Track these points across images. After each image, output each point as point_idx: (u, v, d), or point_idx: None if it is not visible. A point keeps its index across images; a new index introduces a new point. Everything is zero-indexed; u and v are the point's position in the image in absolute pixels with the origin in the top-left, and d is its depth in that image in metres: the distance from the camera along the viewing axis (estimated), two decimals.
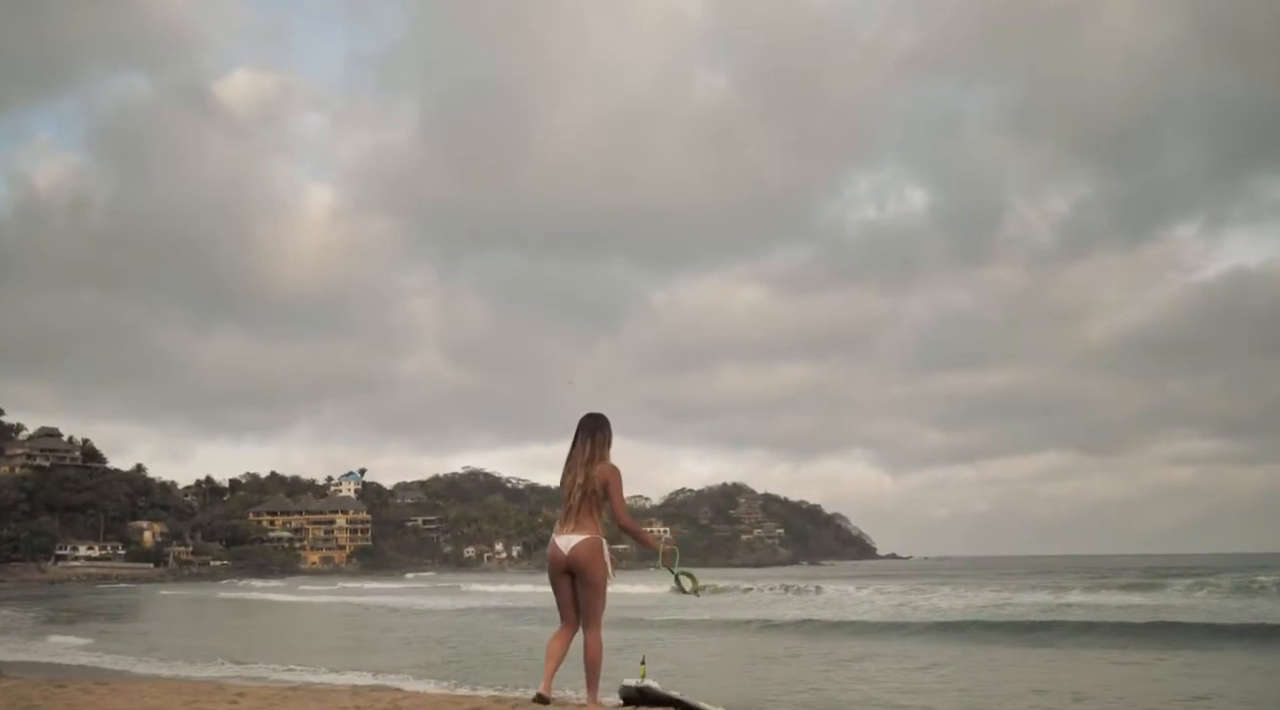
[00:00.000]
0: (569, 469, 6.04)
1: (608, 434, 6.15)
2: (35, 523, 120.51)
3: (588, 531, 5.83)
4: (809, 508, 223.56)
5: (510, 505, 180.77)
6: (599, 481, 5.89)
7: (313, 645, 22.14)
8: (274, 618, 34.78)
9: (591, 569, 5.80)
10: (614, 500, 5.88)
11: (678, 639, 20.76)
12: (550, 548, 6.04)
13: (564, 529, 5.89)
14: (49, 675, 12.64)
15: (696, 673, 14.75)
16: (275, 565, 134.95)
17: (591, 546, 5.81)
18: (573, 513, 5.87)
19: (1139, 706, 11.07)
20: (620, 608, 32.51)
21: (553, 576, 6.00)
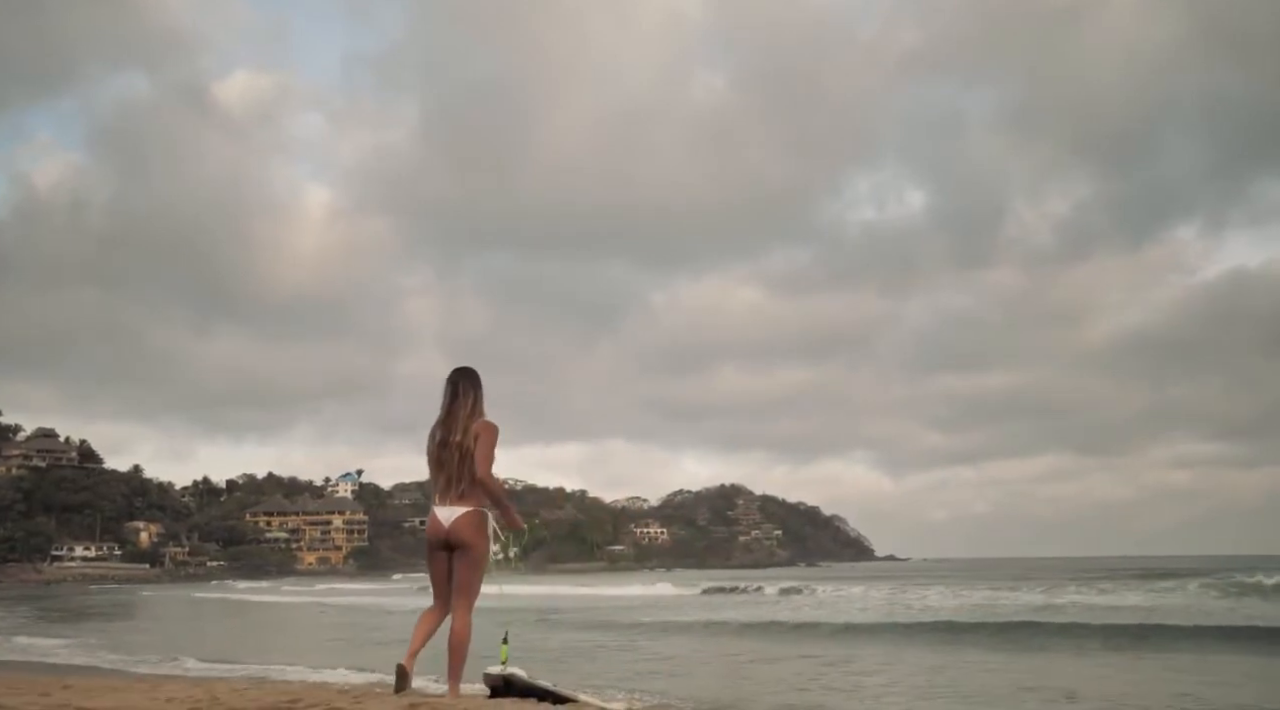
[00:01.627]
0: (446, 427, 5.43)
1: (478, 394, 5.58)
2: (31, 523, 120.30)
3: (471, 502, 5.34)
4: (807, 509, 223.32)
5: None
6: (473, 438, 5.34)
7: (257, 643, 22.12)
8: (240, 617, 34.65)
9: (473, 544, 5.33)
10: (479, 454, 5.29)
11: (664, 640, 20.49)
12: (429, 520, 5.44)
13: (445, 499, 5.35)
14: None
15: (677, 672, 14.58)
16: (272, 566, 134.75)
17: (475, 519, 5.34)
18: (454, 481, 5.33)
19: (1129, 705, 10.93)
20: (606, 609, 32.40)
21: (430, 551, 5.46)
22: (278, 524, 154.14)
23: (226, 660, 15.96)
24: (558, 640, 20.42)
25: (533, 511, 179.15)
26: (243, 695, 3.93)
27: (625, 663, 15.93)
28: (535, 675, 5.65)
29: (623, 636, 21.30)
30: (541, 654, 17.29)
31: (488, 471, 5.32)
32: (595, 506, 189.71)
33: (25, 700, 3.96)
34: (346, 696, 4.23)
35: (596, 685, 12.66)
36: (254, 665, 14.79)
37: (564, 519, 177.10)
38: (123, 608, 44.14)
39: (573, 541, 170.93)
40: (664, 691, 12.16)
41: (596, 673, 14.40)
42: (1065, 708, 11.02)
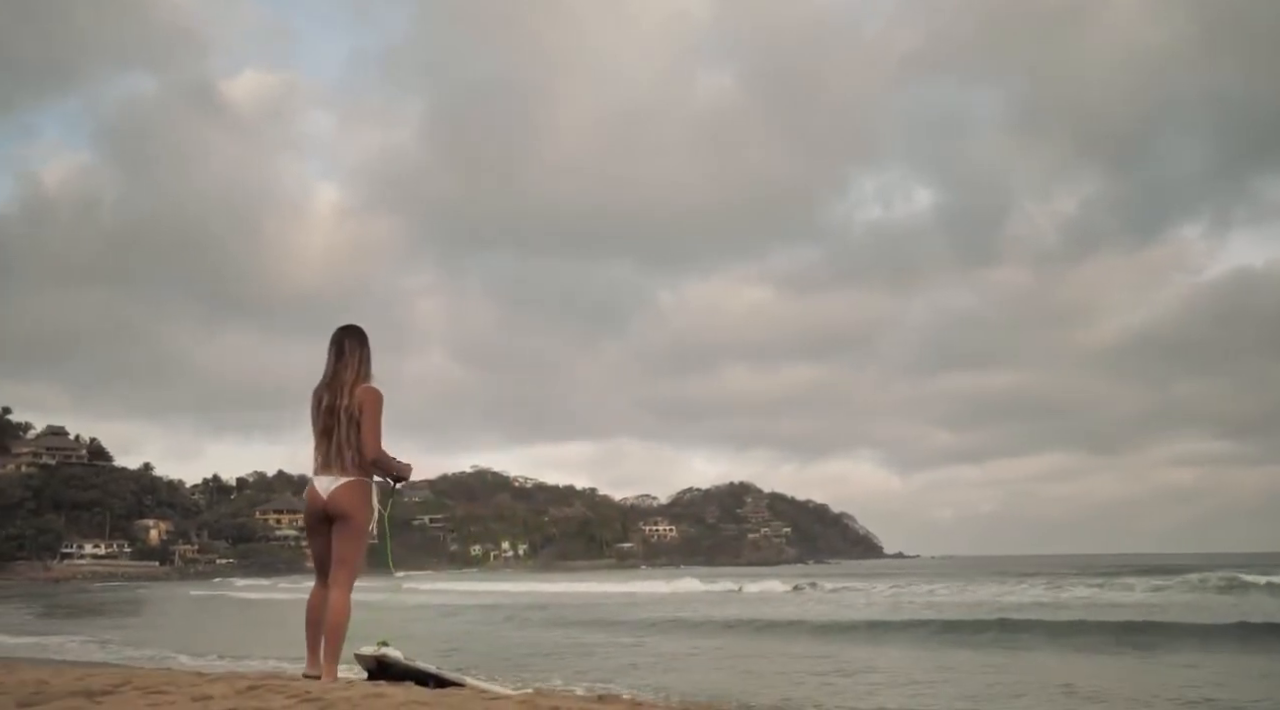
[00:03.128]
0: (329, 390, 5.01)
1: (370, 351, 5.19)
2: (41, 521, 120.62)
3: (354, 471, 4.90)
4: (816, 507, 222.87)
5: (517, 504, 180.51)
6: (356, 406, 4.91)
7: (233, 637, 21.95)
8: (224, 615, 34.61)
9: (353, 515, 4.87)
10: (366, 429, 4.88)
11: (667, 636, 20.16)
12: (308, 491, 5.04)
13: (327, 468, 4.92)
14: None
15: (676, 667, 14.28)
16: (281, 563, 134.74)
17: (357, 489, 4.89)
18: (335, 448, 4.90)
19: (1129, 701, 10.62)
20: (611, 606, 32.13)
21: (309, 525, 5.06)
22: (287, 522, 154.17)
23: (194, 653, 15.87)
24: (561, 636, 20.15)
25: (542, 509, 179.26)
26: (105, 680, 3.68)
27: (624, 658, 15.64)
28: (412, 657, 5.22)
29: (626, 633, 21.00)
30: (539, 650, 17.06)
31: (378, 449, 4.94)
32: (604, 504, 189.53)
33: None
34: (237, 682, 3.93)
35: (590, 680, 12.44)
36: (210, 659, 14.78)
37: (573, 517, 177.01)
38: (119, 605, 44.13)
39: (582, 539, 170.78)
40: (661, 686, 11.96)
41: (591, 668, 14.16)
42: (1064, 703, 10.75)
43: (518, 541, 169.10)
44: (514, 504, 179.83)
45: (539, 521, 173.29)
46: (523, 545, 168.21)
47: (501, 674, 13.09)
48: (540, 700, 3.65)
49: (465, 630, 22.90)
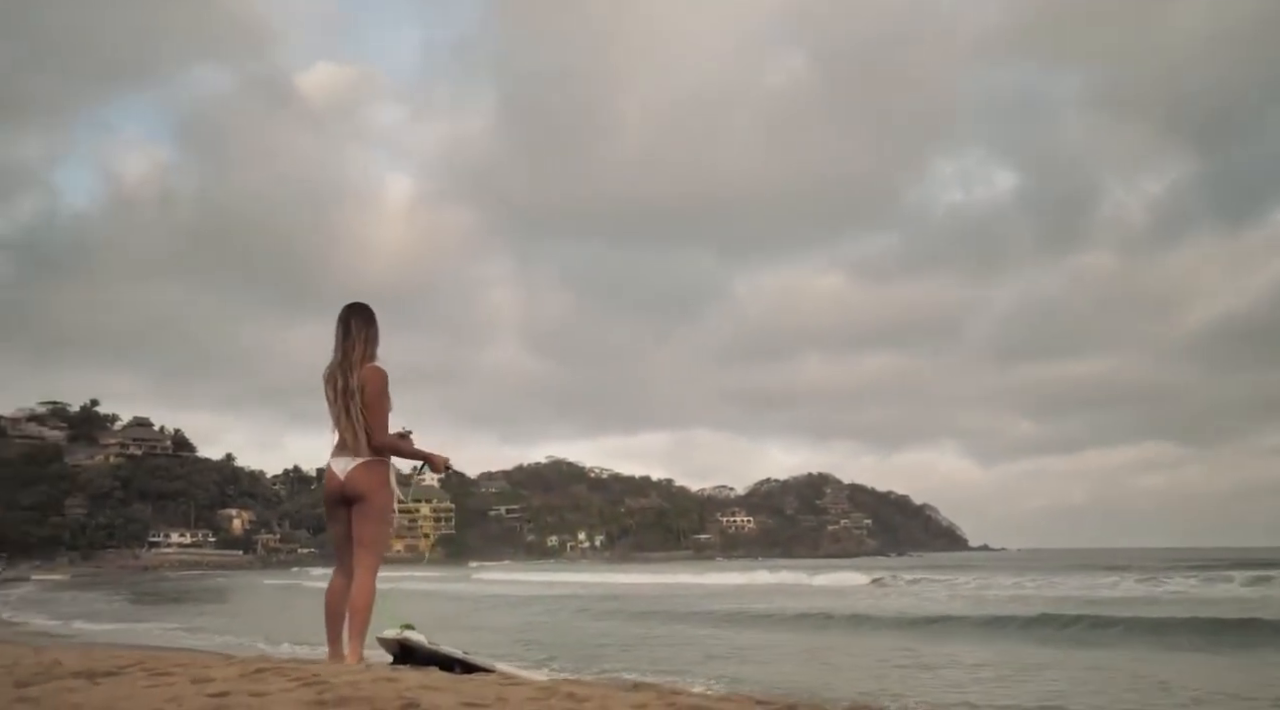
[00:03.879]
0: (340, 371, 4.85)
1: (377, 329, 4.98)
2: (129, 510, 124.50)
3: (368, 452, 4.73)
4: (897, 498, 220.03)
5: (593, 495, 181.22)
6: (360, 386, 4.76)
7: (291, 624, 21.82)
8: (291, 602, 34.95)
9: (372, 496, 4.70)
10: (372, 414, 4.73)
11: (744, 630, 19.60)
12: (326, 474, 4.87)
13: (342, 449, 4.77)
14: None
15: (752, 660, 13.74)
16: None
17: (372, 470, 4.72)
18: (350, 429, 4.75)
19: (1228, 701, 9.85)
20: (687, 598, 31.67)
21: (329, 508, 4.89)
22: None
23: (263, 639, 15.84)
24: (636, 628, 19.76)
25: (618, 500, 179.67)
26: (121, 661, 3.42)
27: (699, 650, 15.15)
28: (436, 642, 4.86)
29: (702, 625, 20.52)
30: (613, 641, 16.68)
31: (383, 434, 4.76)
32: (681, 495, 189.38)
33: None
34: (247, 665, 3.58)
35: (662, 671, 12.00)
36: (283, 645, 14.60)
37: (649, 508, 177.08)
38: (203, 593, 45.10)
39: (658, 530, 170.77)
40: (736, 677, 11.53)
41: (665, 659, 13.72)
42: (1160, 702, 10.02)
43: (594, 532, 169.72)
44: (590, 495, 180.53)
45: (615, 512, 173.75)
46: (599, 536, 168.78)
47: (574, 665, 12.75)
48: (562, 686, 3.23)
49: (538, 621, 22.63)
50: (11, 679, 3.25)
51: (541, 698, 2.98)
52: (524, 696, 2.99)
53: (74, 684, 3.16)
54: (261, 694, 2.88)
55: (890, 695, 10.30)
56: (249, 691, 2.92)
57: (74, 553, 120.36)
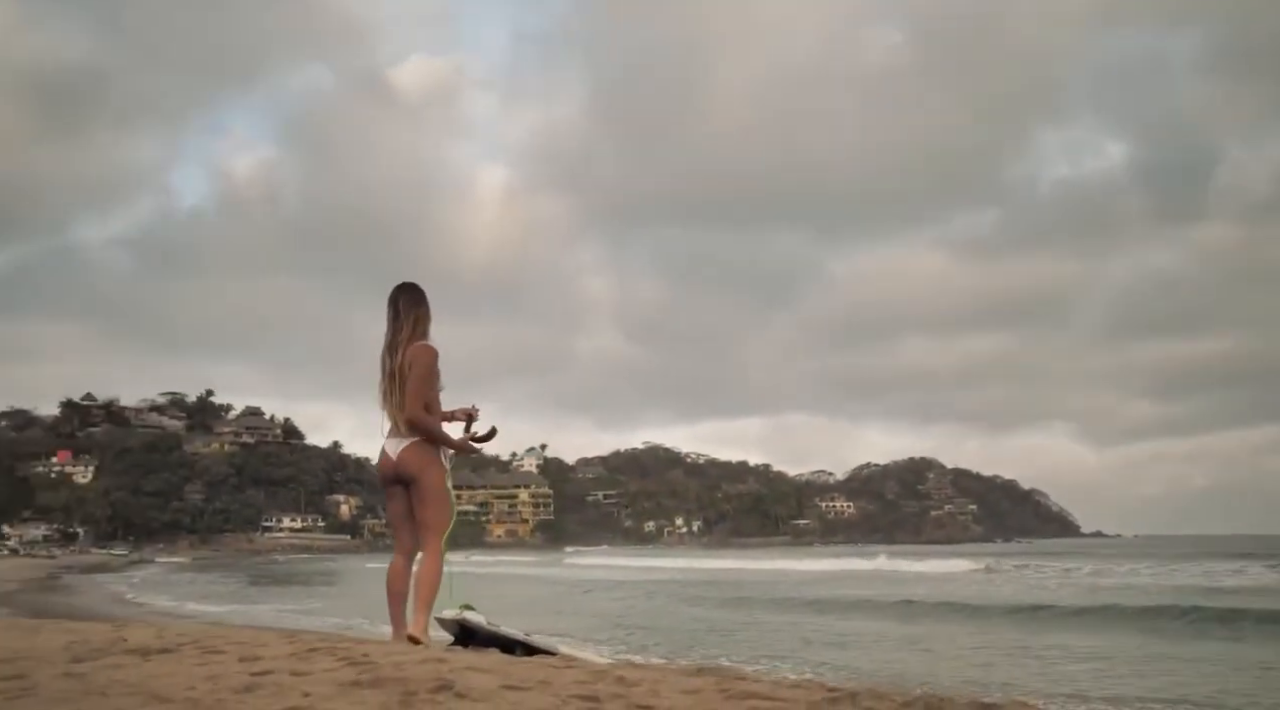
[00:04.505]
0: (389, 352, 4.83)
1: (428, 309, 4.93)
2: (243, 496, 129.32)
3: (410, 433, 4.72)
4: (1004, 483, 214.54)
5: (690, 480, 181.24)
6: (407, 365, 4.72)
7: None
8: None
9: (424, 476, 4.69)
10: (410, 388, 4.68)
11: (844, 616, 19.17)
12: (379, 455, 4.86)
13: (394, 431, 4.76)
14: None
15: (853, 647, 13.41)
16: (463, 538, 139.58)
17: (421, 449, 4.71)
18: (397, 410, 4.73)
19: None
20: (785, 584, 31.28)
21: (384, 488, 4.91)
22: (467, 498, 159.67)
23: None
24: (733, 614, 19.55)
25: (715, 485, 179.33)
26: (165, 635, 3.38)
27: (797, 636, 14.85)
28: (496, 623, 4.73)
29: (801, 611, 20.18)
30: (709, 627, 16.51)
31: (417, 410, 4.70)
32: (779, 480, 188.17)
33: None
34: (299, 644, 3.49)
35: (757, 656, 11.78)
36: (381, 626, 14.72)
37: (747, 493, 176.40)
38: (314, 575, 46.39)
39: (756, 515, 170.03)
40: (836, 664, 11.34)
41: (762, 645, 13.51)
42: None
43: (691, 518, 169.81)
44: (687, 480, 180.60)
45: (712, 498, 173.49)
46: (696, 522, 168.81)
47: (668, 651, 12.62)
48: (615, 670, 3.03)
49: (635, 606, 22.55)
50: (70, 655, 3.23)
51: (590, 680, 2.80)
52: (571, 679, 2.81)
53: (125, 660, 3.10)
54: (303, 673, 2.76)
55: (997, 685, 9.89)
56: (291, 670, 2.81)
57: (193, 536, 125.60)
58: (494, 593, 29.90)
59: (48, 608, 23.21)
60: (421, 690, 2.42)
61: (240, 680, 2.62)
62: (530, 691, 2.51)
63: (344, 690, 2.42)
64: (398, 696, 2.33)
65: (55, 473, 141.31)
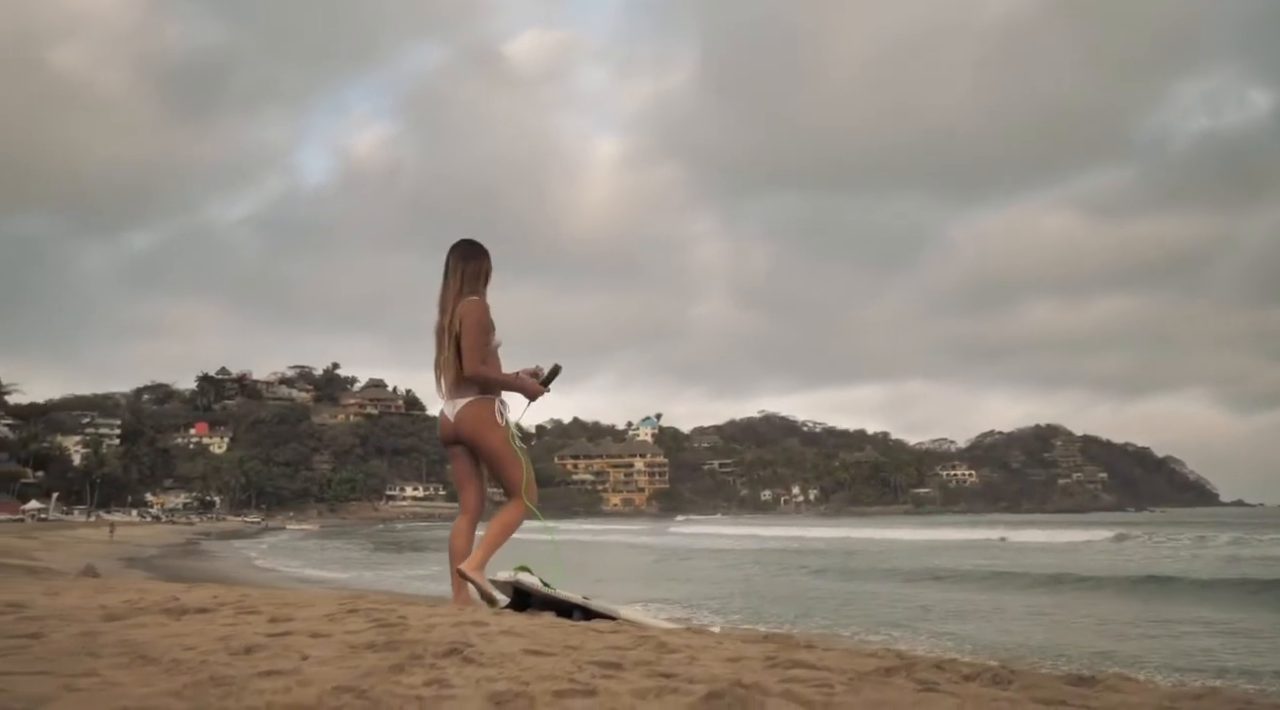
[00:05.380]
0: (440, 311, 4.64)
1: (483, 265, 4.71)
2: (369, 465, 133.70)
3: (473, 390, 4.50)
4: (1136, 451, 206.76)
5: (807, 449, 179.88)
6: (458, 321, 4.50)
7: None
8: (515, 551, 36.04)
9: (485, 437, 4.47)
10: (465, 344, 4.45)
11: (965, 587, 18.52)
12: (440, 419, 4.66)
13: (448, 393, 4.56)
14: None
15: (974, 618, 12.92)
16: (579, 507, 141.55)
17: (478, 408, 4.49)
18: (449, 371, 4.53)
19: None
20: (903, 553, 30.61)
21: (447, 449, 4.69)
22: (583, 467, 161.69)
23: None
24: (848, 583, 19.13)
25: (832, 453, 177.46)
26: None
27: (914, 606, 14.40)
28: (552, 585, 4.50)
29: (919, 581, 19.57)
30: (821, 596, 16.16)
31: (475, 364, 4.46)
32: (898, 449, 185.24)
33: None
34: (336, 605, 3.35)
35: (872, 626, 11.43)
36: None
37: (864, 461, 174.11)
38: (437, 543, 47.41)
39: (874, 484, 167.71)
40: (958, 635, 10.98)
41: (879, 615, 13.10)
42: None
43: (808, 486, 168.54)
44: (803, 449, 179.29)
45: (829, 466, 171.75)
46: (813, 490, 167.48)
47: (779, 620, 12.36)
48: (666, 636, 2.79)
49: (733, 574, 22.32)
50: (105, 614, 3.15)
51: (627, 646, 2.55)
52: (607, 644, 2.56)
53: (153, 620, 2.99)
54: (323, 635, 2.59)
55: (1129, 657, 9.33)
56: (312, 632, 2.64)
57: (322, 504, 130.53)
58: (594, 560, 30.07)
59: (183, 572, 24.26)
60: (429, 654, 2.21)
61: (250, 641, 2.46)
62: (552, 657, 2.28)
63: (349, 653, 2.23)
64: (399, 660, 2.12)
65: (193, 444, 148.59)
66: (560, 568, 4.54)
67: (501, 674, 1.99)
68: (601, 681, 1.95)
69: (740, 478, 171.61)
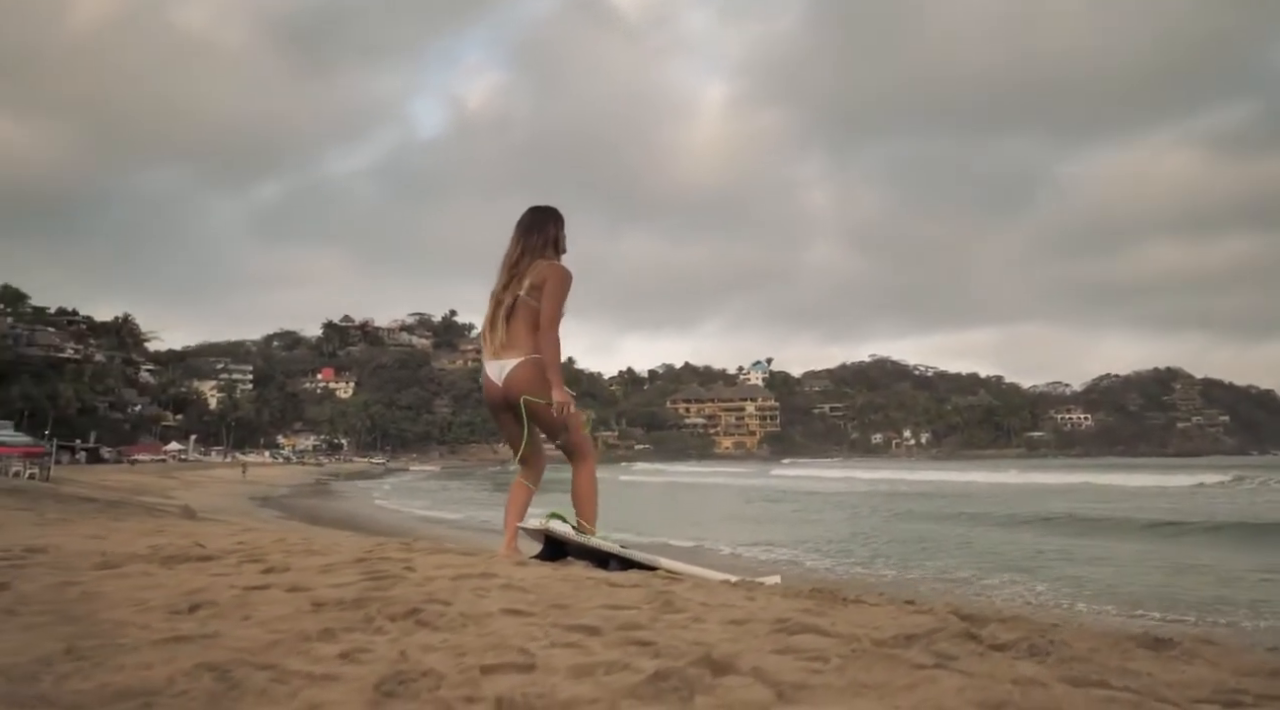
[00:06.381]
0: (503, 272, 4.45)
1: (554, 232, 4.52)
2: (485, 410, 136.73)
3: (523, 349, 4.26)
4: (1260, 394, 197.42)
5: (919, 392, 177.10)
6: (539, 283, 4.28)
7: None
8: (625, 494, 35.94)
9: (539, 396, 4.24)
10: (546, 300, 4.25)
11: (1077, 532, 17.77)
12: (483, 379, 4.47)
13: (495, 353, 4.35)
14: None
15: (1088, 564, 12.32)
16: (692, 450, 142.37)
17: (528, 367, 4.25)
18: (500, 328, 4.32)
19: None
20: (1013, 497, 29.66)
21: (494, 413, 4.50)
22: (695, 411, 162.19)
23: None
24: (954, 528, 18.57)
25: (944, 397, 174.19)
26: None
27: (1025, 551, 13.83)
28: (587, 533, 4.27)
29: (1029, 527, 18.86)
30: (925, 541, 15.72)
31: (553, 323, 4.29)
32: (1012, 392, 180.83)
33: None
34: (347, 553, 3.21)
35: (974, 572, 11.01)
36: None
37: (977, 405, 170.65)
38: (545, 484, 48.18)
39: (987, 427, 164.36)
40: (1072, 579, 10.57)
41: (987, 560, 12.61)
42: None
43: (919, 430, 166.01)
44: (914, 392, 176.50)
45: (941, 410, 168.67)
46: (925, 433, 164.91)
47: (889, 563, 12.06)
48: (671, 595, 2.55)
49: (857, 517, 21.90)
50: (104, 561, 3.05)
51: (626, 605, 2.31)
52: (602, 603, 2.32)
53: (143, 568, 2.88)
54: (300, 588, 2.41)
55: (1245, 605, 8.76)
56: (291, 585, 2.46)
57: (443, 447, 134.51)
58: (679, 501, 29.99)
59: (310, 511, 25.13)
60: (381, 616, 1.99)
61: (213, 597, 2.29)
62: (529, 618, 2.05)
63: (295, 613, 2.04)
64: (335, 625, 1.91)
65: (320, 388, 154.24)
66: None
67: (444, 642, 1.76)
68: (558, 652, 1.70)
69: (851, 421, 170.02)
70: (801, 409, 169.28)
